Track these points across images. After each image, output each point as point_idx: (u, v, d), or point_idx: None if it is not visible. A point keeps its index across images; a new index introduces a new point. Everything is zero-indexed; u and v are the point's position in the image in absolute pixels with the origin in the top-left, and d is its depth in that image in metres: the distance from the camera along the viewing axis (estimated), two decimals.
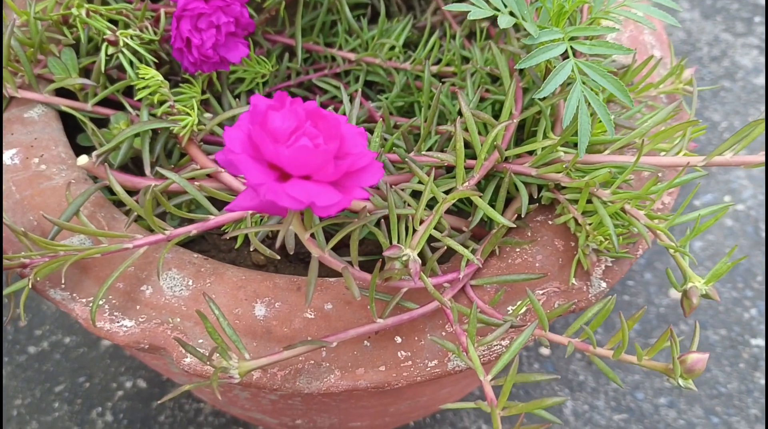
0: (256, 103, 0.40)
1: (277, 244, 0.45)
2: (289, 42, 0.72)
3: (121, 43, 0.59)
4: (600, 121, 0.54)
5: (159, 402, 0.89)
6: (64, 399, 0.90)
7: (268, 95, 0.72)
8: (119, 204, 0.59)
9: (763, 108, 1.25)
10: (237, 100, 0.68)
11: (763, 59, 1.33)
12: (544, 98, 0.55)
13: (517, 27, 0.64)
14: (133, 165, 0.67)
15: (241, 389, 0.63)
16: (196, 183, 0.54)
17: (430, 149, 0.62)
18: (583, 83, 0.52)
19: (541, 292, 0.54)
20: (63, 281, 0.51)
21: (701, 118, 1.25)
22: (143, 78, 0.57)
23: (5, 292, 0.51)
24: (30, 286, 0.50)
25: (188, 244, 0.62)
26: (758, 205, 1.13)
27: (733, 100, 1.28)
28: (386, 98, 0.69)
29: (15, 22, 0.61)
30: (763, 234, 1.10)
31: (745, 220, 1.12)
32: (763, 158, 0.52)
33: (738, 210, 1.13)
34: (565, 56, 0.53)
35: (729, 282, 1.06)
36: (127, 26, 0.63)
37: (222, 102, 0.67)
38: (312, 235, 0.46)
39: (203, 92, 0.65)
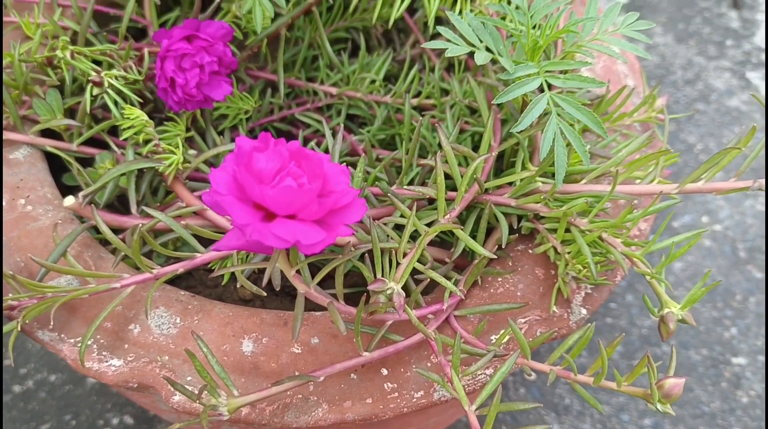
0: (241, 144, 0.42)
1: (264, 281, 0.45)
2: (271, 77, 0.74)
3: (106, 84, 0.60)
4: (576, 152, 0.56)
5: None
6: None
7: (252, 131, 0.73)
8: (105, 242, 0.60)
9: (736, 130, 1.28)
10: (221, 136, 0.69)
11: (735, 82, 1.36)
12: (522, 130, 0.56)
13: (494, 60, 0.66)
14: (118, 203, 0.67)
15: (230, 425, 0.63)
16: (182, 221, 0.55)
17: (411, 182, 0.63)
18: (559, 116, 0.54)
19: (523, 320, 0.55)
20: (51, 323, 0.51)
21: (677, 141, 1.28)
22: (128, 118, 0.58)
23: None
24: (19, 328, 0.50)
25: (174, 280, 0.62)
26: (735, 225, 1.16)
27: (708, 122, 1.30)
28: (368, 131, 0.71)
29: None
30: (741, 254, 1.12)
31: (723, 241, 1.14)
32: (734, 185, 0.53)
33: (716, 230, 1.15)
34: (540, 89, 0.55)
35: (709, 302, 1.08)
36: (111, 66, 0.64)
37: (206, 139, 0.68)
38: (297, 271, 0.47)
39: (187, 130, 0.66)
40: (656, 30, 1.45)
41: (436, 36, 0.78)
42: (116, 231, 0.55)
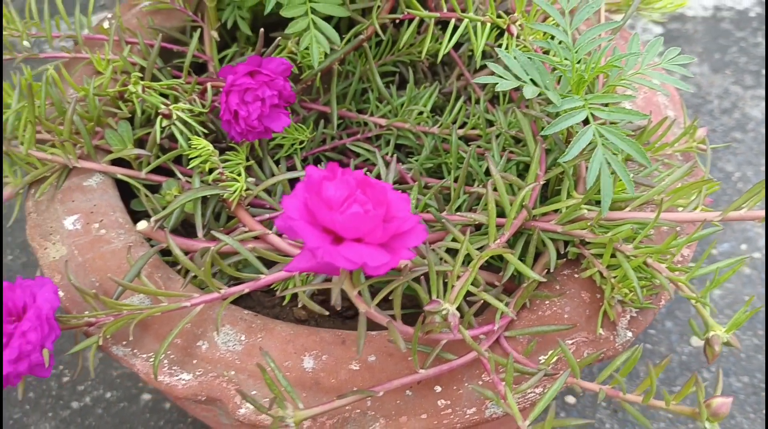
0: (310, 173, 0.45)
1: (332, 301, 0.48)
2: (324, 109, 0.77)
3: (175, 116, 0.65)
4: (620, 180, 0.58)
5: None
6: None
7: (305, 159, 0.77)
8: (173, 264, 0.64)
9: None
10: (277, 165, 0.73)
11: None
12: (568, 160, 0.59)
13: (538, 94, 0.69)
14: (181, 227, 0.71)
15: None
16: (248, 245, 0.58)
17: (459, 208, 0.66)
18: (604, 146, 0.56)
19: (570, 341, 0.58)
20: (130, 337, 0.55)
21: (715, 169, 1.29)
22: (195, 148, 0.62)
23: (73, 350, 0.55)
24: (100, 342, 0.54)
25: (235, 301, 0.66)
26: None
27: (746, 150, 1.32)
28: (416, 160, 0.74)
29: (75, 98, 0.66)
30: None
31: (762, 268, 1.15)
32: None
33: (755, 258, 1.16)
34: (585, 121, 0.58)
35: (749, 330, 1.09)
36: (177, 99, 0.69)
37: (263, 167, 0.72)
38: (359, 293, 0.50)
39: (246, 159, 0.70)
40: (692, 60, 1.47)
41: (480, 69, 0.82)
42: (184, 253, 0.59)
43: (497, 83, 0.58)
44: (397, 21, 0.73)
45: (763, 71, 1.45)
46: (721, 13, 1.56)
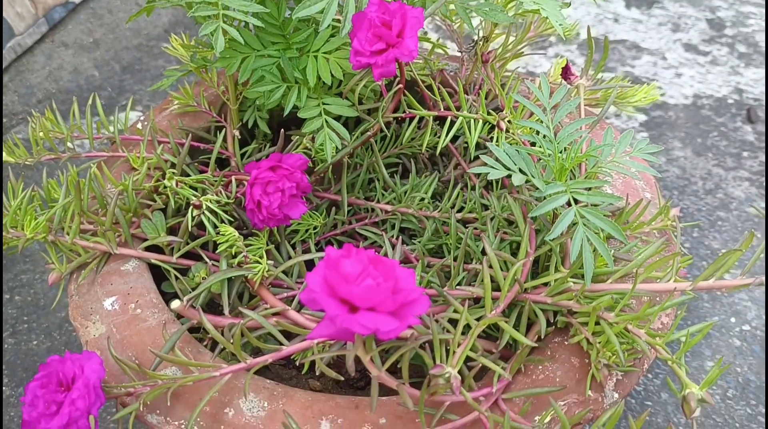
0: (329, 253, 0.52)
1: (347, 364, 0.55)
2: (335, 198, 0.86)
3: (204, 207, 0.73)
4: (602, 256, 0.65)
5: None
6: None
7: (318, 244, 0.85)
8: (200, 340, 0.70)
9: (759, 235, 1.36)
10: (293, 248, 0.81)
11: (754, 190, 1.46)
12: (554, 238, 0.67)
13: (527, 180, 0.77)
14: (206, 307, 0.78)
15: None
16: (273, 319, 0.65)
17: (459, 284, 0.73)
18: (585, 226, 0.64)
19: (562, 403, 0.63)
20: (168, 403, 0.61)
21: (702, 246, 1.36)
22: (223, 234, 0.70)
23: (116, 417, 0.61)
24: (141, 408, 0.60)
25: (256, 374, 0.72)
26: (763, 325, 1.22)
27: (730, 228, 1.39)
28: (419, 242, 0.82)
29: (117, 193, 0.75)
30: None
31: (752, 340, 1.20)
32: (742, 282, 0.63)
33: (744, 330, 1.22)
34: (568, 204, 0.66)
35: (742, 400, 1.13)
36: (204, 191, 0.77)
37: (281, 250, 0.80)
38: (371, 358, 0.57)
39: (266, 244, 0.77)
40: (675, 144, 1.57)
41: (475, 159, 0.91)
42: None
43: (489, 174, 0.66)
44: (400, 119, 0.83)
45: (744, 154, 1.54)
46: (701, 101, 1.67)
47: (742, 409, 1.12)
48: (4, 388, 1.11)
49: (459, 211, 0.83)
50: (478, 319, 0.63)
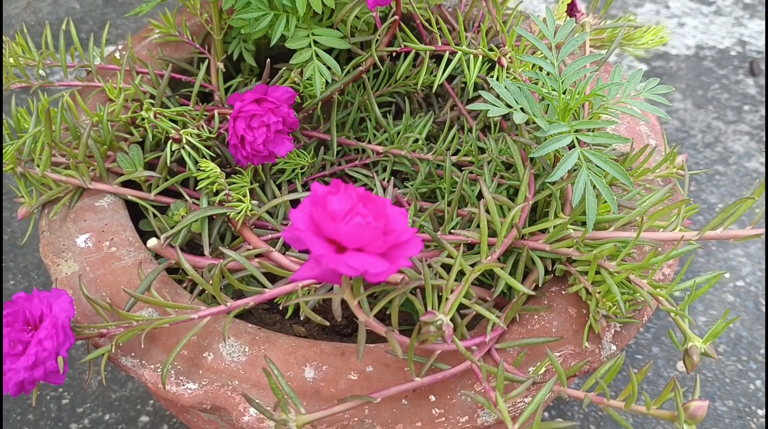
0: (316, 189, 0.48)
1: (333, 309, 0.52)
2: (324, 137, 0.81)
3: (184, 141, 0.68)
4: (604, 202, 0.62)
5: None
6: None
7: (306, 184, 0.80)
8: (179, 281, 0.67)
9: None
10: (279, 189, 0.77)
11: (753, 144, 1.43)
12: (554, 182, 0.63)
13: (527, 121, 0.73)
14: (186, 247, 0.74)
15: None
16: (256, 261, 0.61)
17: (453, 229, 0.70)
18: (588, 169, 0.60)
19: (557, 354, 0.61)
20: (142, 346, 0.57)
21: (699, 200, 1.33)
22: (204, 170, 0.66)
23: (87, 358, 0.58)
24: (113, 350, 0.57)
25: (238, 317, 0.69)
26: (757, 281, 1.20)
27: (728, 182, 1.36)
28: (412, 185, 0.78)
29: (90, 124, 0.70)
30: (764, 308, 1.16)
31: (746, 296, 1.18)
32: (752, 232, 0.59)
33: (738, 286, 1.20)
34: (571, 146, 0.62)
35: (734, 355, 1.12)
36: (185, 126, 0.72)
37: (266, 190, 0.76)
38: (359, 303, 0.53)
39: (250, 182, 0.73)
40: (676, 96, 1.53)
41: (472, 100, 0.87)
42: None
43: (489, 111, 0.62)
44: (395, 54, 0.78)
45: (745, 107, 1.50)
46: (703, 52, 1.62)
47: (732, 365, 1.10)
48: None
49: (454, 154, 0.79)
50: (472, 265, 0.60)
